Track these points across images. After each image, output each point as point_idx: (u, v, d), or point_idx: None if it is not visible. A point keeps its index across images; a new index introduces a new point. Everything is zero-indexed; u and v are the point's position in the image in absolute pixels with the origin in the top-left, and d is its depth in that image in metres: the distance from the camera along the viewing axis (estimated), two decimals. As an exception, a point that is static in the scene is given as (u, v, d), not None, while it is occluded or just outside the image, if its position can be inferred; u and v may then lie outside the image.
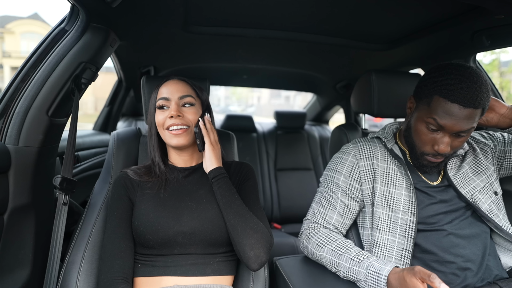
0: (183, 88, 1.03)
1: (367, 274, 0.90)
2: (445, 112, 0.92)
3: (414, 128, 1.01)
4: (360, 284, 0.92)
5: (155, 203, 0.98)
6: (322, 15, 1.23)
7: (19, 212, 0.99)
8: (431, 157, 1.00)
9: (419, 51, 1.53)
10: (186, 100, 1.02)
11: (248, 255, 0.91)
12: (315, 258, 1.05)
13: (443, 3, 1.05)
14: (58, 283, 0.99)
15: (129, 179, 1.04)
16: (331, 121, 3.31)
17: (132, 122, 2.89)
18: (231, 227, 0.93)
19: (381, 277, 0.87)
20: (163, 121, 1.00)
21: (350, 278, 0.95)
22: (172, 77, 1.07)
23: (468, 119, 0.91)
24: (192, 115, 1.01)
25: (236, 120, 2.84)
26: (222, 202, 0.96)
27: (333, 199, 1.09)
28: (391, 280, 0.85)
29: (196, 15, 1.27)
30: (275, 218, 2.55)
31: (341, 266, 0.96)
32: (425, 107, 0.96)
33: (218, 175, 0.99)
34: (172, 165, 1.08)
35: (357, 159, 1.09)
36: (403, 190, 1.03)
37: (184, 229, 0.95)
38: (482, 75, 0.93)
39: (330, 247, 1.00)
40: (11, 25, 23.47)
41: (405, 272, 0.82)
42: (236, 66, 2.18)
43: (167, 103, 1.01)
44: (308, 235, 1.08)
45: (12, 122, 0.97)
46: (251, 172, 1.10)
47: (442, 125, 0.93)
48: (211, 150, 1.01)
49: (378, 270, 0.88)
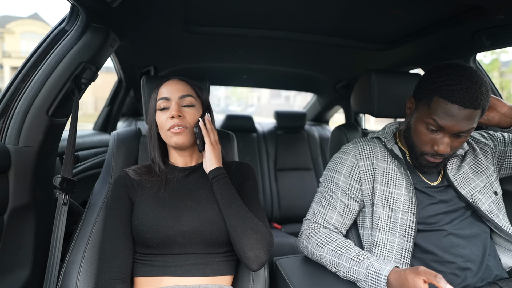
0: (183, 88, 1.03)
1: (367, 274, 0.90)
2: (445, 113, 0.91)
3: (414, 129, 1.01)
4: (360, 284, 0.92)
5: (155, 203, 0.98)
6: (322, 15, 1.23)
7: (19, 212, 0.99)
8: (430, 157, 1.00)
9: (419, 51, 1.53)
10: (187, 100, 1.02)
11: (248, 255, 0.90)
12: (315, 258, 1.05)
13: (443, 3, 1.05)
14: (58, 283, 0.99)
15: (129, 178, 1.04)
16: (331, 121, 3.31)
17: (132, 122, 2.89)
18: (231, 227, 0.93)
19: (381, 277, 0.87)
20: (164, 122, 1.00)
21: (350, 278, 0.95)
22: (172, 77, 1.07)
23: (468, 119, 0.91)
24: (193, 115, 1.01)
25: (236, 120, 2.84)
26: (222, 202, 0.96)
27: (333, 199, 1.09)
28: (391, 280, 0.85)
29: (196, 15, 1.27)
30: (275, 218, 2.56)
31: (341, 266, 0.96)
32: (425, 108, 0.96)
33: (218, 175, 0.99)
34: (172, 165, 1.08)
35: (357, 159, 1.09)
36: (403, 190, 1.03)
37: (184, 229, 0.94)
38: (482, 75, 0.93)
39: (330, 247, 1.00)
40: (11, 25, 23.46)
41: (408, 271, 0.82)
42: (236, 66, 2.18)
43: (167, 103, 1.00)
44: (308, 235, 1.08)
45: (12, 122, 0.97)
46: (251, 172, 1.10)
47: (442, 126, 0.93)
48: (211, 150, 1.01)
49: (378, 270, 0.88)
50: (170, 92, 1.01)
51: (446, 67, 0.96)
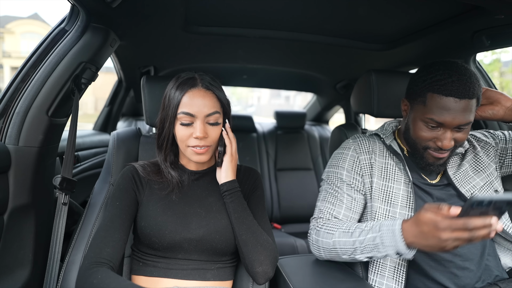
0: (210, 103, 0.92)
1: (382, 235, 0.87)
2: (442, 108, 0.92)
3: (414, 129, 1.01)
4: (379, 251, 0.88)
5: (164, 206, 0.96)
6: (322, 15, 1.23)
7: (19, 212, 0.99)
8: (435, 151, 0.99)
9: (419, 51, 1.53)
10: (213, 117, 0.93)
11: (256, 270, 0.91)
12: (329, 247, 0.99)
13: (443, 3, 1.05)
14: (58, 283, 0.99)
15: (138, 174, 1.00)
16: (331, 121, 3.31)
17: (132, 122, 2.90)
18: (242, 242, 0.93)
19: (396, 231, 0.84)
20: (186, 139, 0.93)
21: (369, 248, 0.90)
22: (197, 83, 0.93)
23: (465, 111, 0.92)
24: (217, 132, 0.95)
25: (236, 120, 2.83)
26: (234, 217, 0.94)
27: (339, 194, 1.08)
28: (406, 228, 0.82)
29: (196, 15, 1.27)
30: (275, 218, 2.55)
31: (356, 242, 0.92)
32: (421, 107, 0.97)
33: (232, 188, 0.97)
34: (182, 166, 1.04)
35: (357, 153, 1.10)
36: (401, 185, 1.03)
37: (191, 236, 0.93)
38: (469, 67, 0.95)
39: (341, 229, 0.97)
40: (11, 25, 23.47)
41: (416, 215, 0.80)
42: (236, 66, 2.18)
43: (191, 119, 0.91)
44: (316, 228, 1.04)
45: (12, 122, 0.97)
46: (259, 180, 1.08)
47: (441, 122, 0.93)
48: (229, 162, 0.98)
49: (390, 226, 0.86)
50: (196, 109, 0.90)
51: (432, 64, 0.97)
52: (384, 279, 0.97)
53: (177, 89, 0.93)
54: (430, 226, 0.76)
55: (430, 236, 0.76)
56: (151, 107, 1.16)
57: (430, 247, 0.78)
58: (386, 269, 0.97)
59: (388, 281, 0.96)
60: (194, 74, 0.96)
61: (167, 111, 0.93)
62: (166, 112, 0.94)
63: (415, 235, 0.80)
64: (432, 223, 0.76)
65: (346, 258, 0.97)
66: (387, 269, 0.97)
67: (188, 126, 0.92)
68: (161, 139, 0.98)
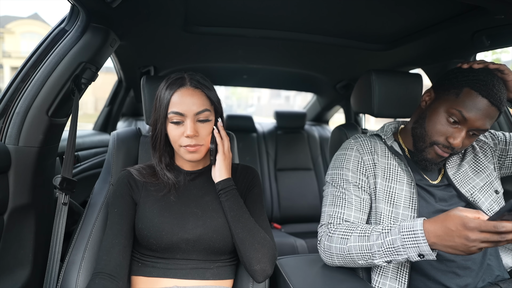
0: (199, 101, 0.93)
1: (403, 237, 0.83)
2: (474, 105, 0.92)
3: (431, 118, 1.00)
4: (400, 254, 0.84)
5: (160, 207, 0.97)
6: (322, 15, 1.23)
7: (19, 212, 0.99)
8: (440, 148, 0.99)
9: (419, 51, 1.53)
10: (203, 115, 0.94)
11: (254, 268, 0.91)
12: (344, 253, 0.94)
13: (443, 3, 1.05)
14: (58, 283, 0.99)
15: (133, 178, 1.01)
16: (331, 121, 3.32)
17: (132, 122, 2.90)
18: (239, 240, 0.93)
19: (418, 232, 0.80)
20: (178, 138, 0.94)
21: (388, 252, 0.86)
22: (185, 82, 0.94)
23: (490, 117, 0.93)
24: (208, 130, 0.96)
25: (236, 120, 2.84)
26: (231, 215, 0.95)
27: (347, 196, 1.05)
28: (428, 227, 0.79)
29: (196, 15, 1.27)
30: (275, 218, 2.55)
31: (374, 247, 0.88)
32: (452, 97, 0.96)
33: (227, 187, 0.97)
34: (178, 167, 1.05)
35: (361, 154, 1.09)
36: (404, 186, 1.03)
37: (188, 236, 0.94)
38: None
39: (356, 233, 0.93)
40: (11, 25, 23.47)
41: (444, 213, 0.78)
42: (236, 66, 2.18)
43: (181, 118, 0.92)
44: (328, 234, 1.00)
45: (12, 122, 0.97)
46: (257, 178, 1.08)
47: (466, 118, 0.93)
48: (222, 160, 0.98)
49: (411, 227, 0.82)
50: (186, 107, 0.92)
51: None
52: (387, 280, 0.97)
53: (166, 89, 0.94)
54: (458, 224, 0.74)
55: (456, 235, 0.74)
56: (151, 107, 1.16)
57: (453, 248, 0.76)
58: (389, 270, 0.97)
59: (391, 281, 0.96)
60: (183, 74, 0.97)
61: (158, 111, 0.95)
62: (158, 113, 0.95)
63: (438, 234, 0.77)
64: (460, 221, 0.74)
65: (362, 263, 0.92)
66: (390, 269, 0.97)
67: (178, 125, 0.93)
68: (154, 140, 0.99)
